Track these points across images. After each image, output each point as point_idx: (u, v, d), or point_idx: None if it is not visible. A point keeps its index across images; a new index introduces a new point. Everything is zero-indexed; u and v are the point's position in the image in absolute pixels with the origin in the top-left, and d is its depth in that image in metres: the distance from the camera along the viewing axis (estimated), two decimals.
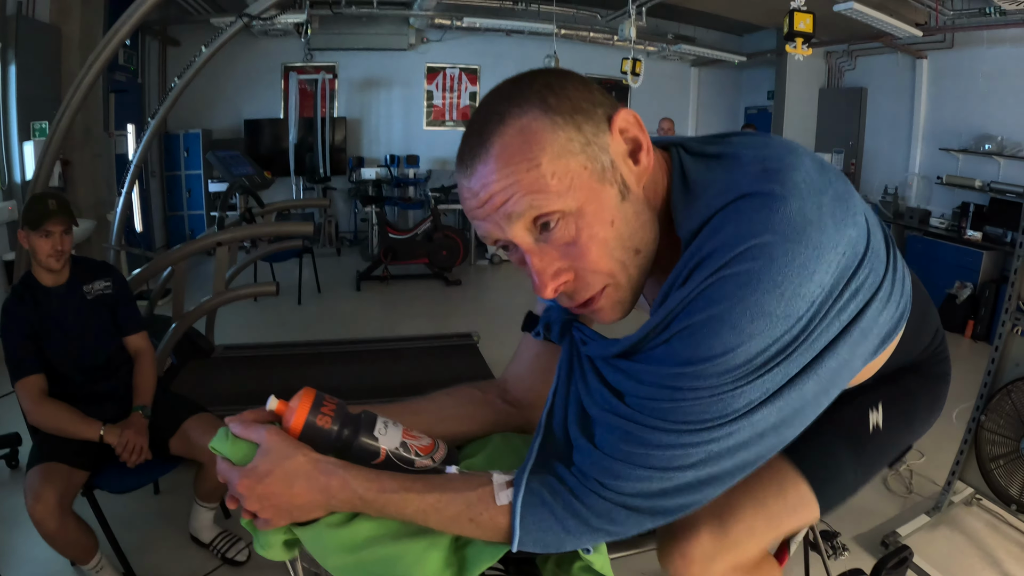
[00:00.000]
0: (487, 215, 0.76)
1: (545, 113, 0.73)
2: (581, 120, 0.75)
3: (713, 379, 0.72)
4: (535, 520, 0.80)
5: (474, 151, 0.75)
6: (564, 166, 0.73)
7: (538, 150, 0.72)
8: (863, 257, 0.76)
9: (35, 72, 4.92)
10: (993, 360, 2.63)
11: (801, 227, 0.69)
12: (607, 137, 0.76)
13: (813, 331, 0.73)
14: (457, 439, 1.07)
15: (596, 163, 0.75)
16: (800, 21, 4.05)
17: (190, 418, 2.37)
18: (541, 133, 0.73)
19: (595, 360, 0.88)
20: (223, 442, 0.87)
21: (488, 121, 0.75)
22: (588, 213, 0.75)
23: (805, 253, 0.69)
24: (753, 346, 0.71)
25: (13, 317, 2.25)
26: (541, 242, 0.77)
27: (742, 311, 0.69)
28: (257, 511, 0.83)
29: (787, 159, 0.75)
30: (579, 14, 8.61)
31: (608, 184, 0.76)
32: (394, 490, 0.82)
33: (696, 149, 0.83)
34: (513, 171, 0.73)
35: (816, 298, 0.71)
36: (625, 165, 0.78)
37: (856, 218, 0.75)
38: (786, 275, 0.69)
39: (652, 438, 0.76)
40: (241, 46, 8.28)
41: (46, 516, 2.02)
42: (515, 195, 0.73)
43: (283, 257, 6.14)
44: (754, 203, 0.71)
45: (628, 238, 0.78)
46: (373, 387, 3.77)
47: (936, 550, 2.60)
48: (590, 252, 0.76)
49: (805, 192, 0.71)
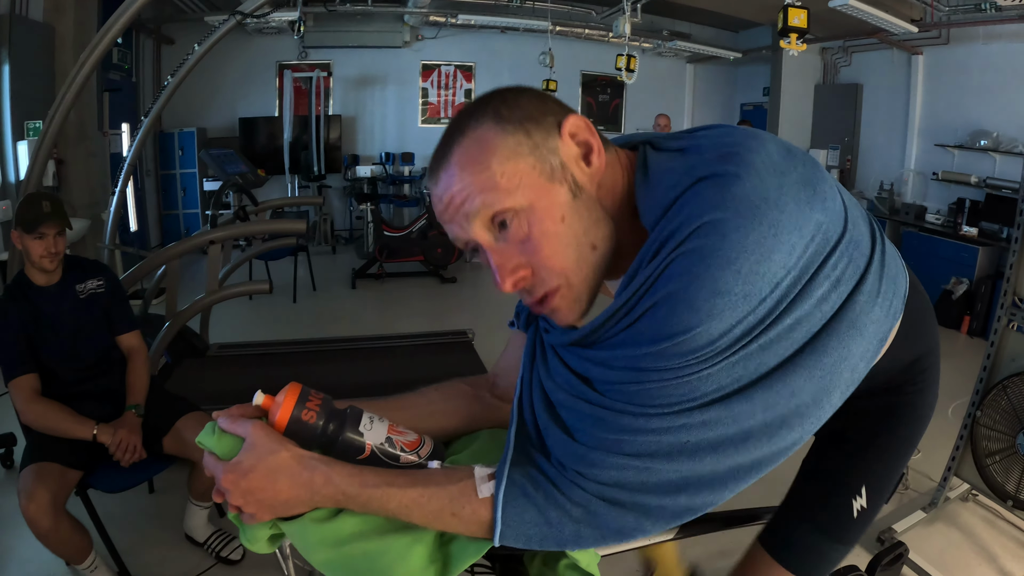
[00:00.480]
0: (451, 217, 0.82)
1: (497, 123, 0.80)
2: (531, 127, 0.80)
3: (676, 359, 0.73)
4: (517, 512, 0.80)
5: (439, 162, 0.83)
6: (513, 167, 0.78)
7: (489, 154, 0.79)
8: (836, 244, 0.76)
9: (28, 71, 4.91)
10: (989, 356, 2.63)
11: (755, 204, 0.70)
12: (556, 141, 0.81)
13: (783, 316, 0.72)
14: (445, 434, 1.07)
15: (545, 164, 0.80)
16: (794, 16, 4.04)
17: (184, 417, 2.38)
18: (492, 140, 0.79)
19: (557, 348, 0.89)
20: (210, 436, 0.88)
21: (451, 136, 0.83)
22: (539, 209, 0.79)
23: (759, 230, 0.69)
24: (715, 326, 0.70)
25: (6, 316, 2.24)
26: (500, 240, 0.81)
27: (698, 287, 0.69)
28: (242, 506, 0.83)
29: (747, 143, 0.76)
30: (574, 11, 8.60)
31: (558, 183, 0.80)
32: (376, 485, 0.82)
33: (662, 145, 0.85)
34: (468, 174, 0.79)
35: (780, 280, 0.71)
36: (577, 167, 0.82)
37: (826, 203, 0.75)
38: (740, 251, 0.68)
39: (623, 422, 0.77)
40: (235, 44, 8.26)
41: (40, 516, 2.01)
42: (470, 195, 0.79)
43: (278, 255, 6.13)
44: (709, 183, 0.72)
45: (582, 234, 0.81)
46: (368, 385, 3.77)
47: (932, 546, 2.61)
48: (543, 248, 0.79)
49: (763, 172, 0.72)
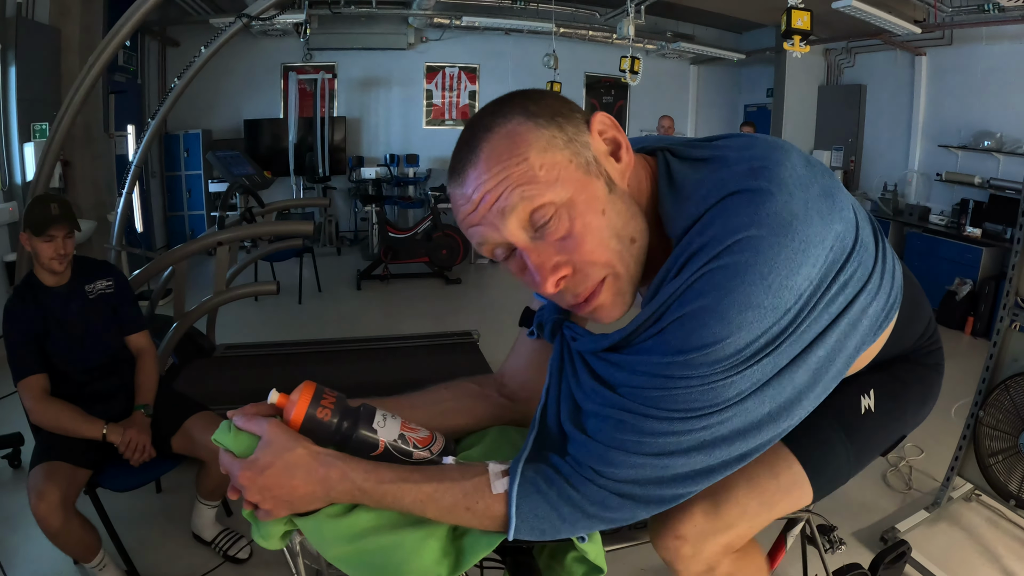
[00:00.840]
0: (481, 217, 0.79)
1: (528, 118, 0.78)
2: (562, 121, 0.79)
3: (704, 368, 0.74)
4: (530, 507, 0.82)
5: (464, 160, 0.79)
6: (551, 159, 0.76)
7: (525, 147, 0.76)
8: (851, 251, 0.78)
9: (35, 73, 4.93)
10: (991, 356, 2.63)
11: (788, 221, 0.72)
12: (587, 137, 0.81)
13: (801, 323, 0.75)
14: (455, 432, 1.08)
15: (580, 157, 0.78)
16: (798, 18, 4.05)
17: (192, 416, 2.39)
18: (526, 133, 0.77)
19: (585, 355, 0.90)
20: (226, 434, 0.89)
21: (475, 134, 0.79)
22: (579, 203, 0.77)
23: (792, 246, 0.71)
24: (742, 337, 0.73)
25: (15, 317, 2.26)
26: (537, 239, 0.79)
27: (731, 302, 0.71)
28: (258, 502, 0.84)
29: (773, 156, 0.77)
30: (578, 12, 8.61)
31: (595, 177, 0.79)
32: (392, 480, 0.84)
33: (683, 153, 0.86)
34: (503, 168, 0.76)
35: (803, 291, 0.73)
36: (608, 162, 0.81)
37: (843, 213, 0.77)
38: (773, 267, 0.71)
39: (645, 426, 0.78)
40: (240, 46, 8.30)
41: (49, 514, 2.03)
42: (507, 189, 0.76)
43: (283, 256, 6.15)
44: (742, 199, 0.73)
45: (622, 227, 0.80)
46: (374, 385, 3.78)
47: (935, 546, 2.61)
48: (585, 242, 0.78)
49: (792, 187, 0.74)
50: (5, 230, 4.70)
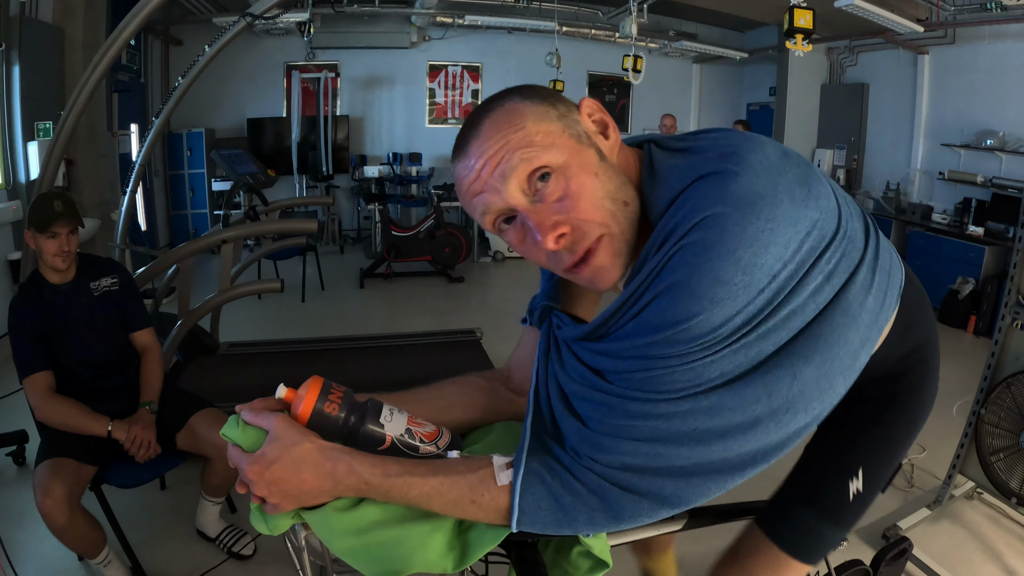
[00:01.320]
0: (484, 183, 0.84)
1: (524, 98, 0.86)
2: (554, 100, 0.87)
3: (681, 346, 0.77)
4: (534, 499, 0.83)
5: (467, 137, 0.86)
6: (546, 127, 0.83)
7: (521, 118, 0.83)
8: (832, 240, 0.80)
9: (39, 73, 4.95)
10: (993, 354, 2.64)
11: (752, 200, 0.74)
12: (578, 115, 0.88)
13: (780, 307, 0.77)
14: (461, 427, 1.09)
15: (572, 129, 0.85)
16: (800, 17, 4.04)
17: (197, 413, 2.40)
18: (523, 108, 0.85)
19: (571, 343, 0.93)
20: (234, 429, 0.90)
21: (478, 115, 0.87)
22: (573, 166, 0.83)
23: (756, 224, 0.74)
24: (716, 314, 0.74)
25: (21, 315, 2.27)
26: (536, 202, 0.83)
27: (699, 277, 0.74)
28: (266, 496, 0.85)
29: (745, 145, 0.81)
30: (580, 11, 8.61)
31: (586, 147, 0.85)
32: (398, 474, 0.85)
33: (666, 144, 0.90)
34: (503, 135, 0.83)
35: (776, 272, 0.75)
36: (598, 139, 0.87)
37: (820, 202, 0.80)
38: (739, 243, 0.73)
39: (632, 408, 0.80)
40: (244, 45, 8.31)
41: (55, 511, 2.04)
42: (507, 153, 0.82)
43: (287, 255, 6.17)
44: (710, 180, 0.77)
45: (615, 190, 0.84)
46: (377, 383, 3.76)
47: (937, 543, 2.62)
48: (581, 200, 0.82)
49: (759, 170, 0.77)
50: (9, 228, 4.72)
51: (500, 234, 0.89)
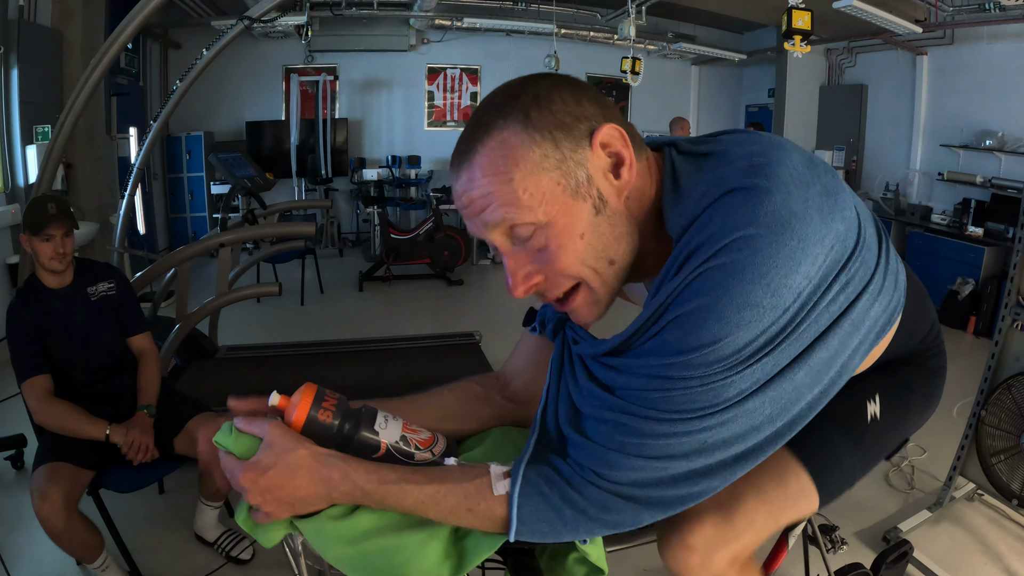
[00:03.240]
0: (470, 217, 0.83)
1: (524, 128, 0.78)
2: (560, 136, 0.79)
3: (703, 369, 0.74)
4: (532, 510, 0.81)
5: (461, 157, 0.81)
6: (536, 182, 0.78)
7: (511, 165, 0.78)
8: (853, 251, 0.78)
9: (37, 76, 4.95)
10: (993, 355, 2.63)
11: (786, 219, 0.71)
12: (586, 152, 0.80)
13: (801, 323, 0.75)
14: (457, 433, 1.08)
15: (571, 179, 0.79)
16: (798, 19, 4.05)
17: (195, 417, 2.40)
18: (518, 148, 0.78)
19: (585, 359, 0.90)
20: (227, 436, 0.89)
21: (477, 129, 0.80)
22: (558, 225, 0.79)
23: (790, 245, 0.71)
24: (741, 336, 0.72)
25: (19, 319, 2.26)
26: (517, 247, 0.82)
27: (728, 301, 0.71)
28: (260, 504, 0.84)
29: (773, 154, 0.77)
30: (579, 14, 8.62)
31: (581, 200, 0.80)
32: (394, 481, 0.84)
33: (687, 148, 0.86)
34: (489, 182, 0.79)
35: (802, 289, 0.73)
36: (605, 180, 0.81)
37: (844, 212, 0.77)
38: (771, 266, 0.71)
39: (645, 427, 0.78)
40: (242, 48, 8.30)
41: (52, 515, 2.03)
42: (490, 205, 0.79)
43: (286, 258, 6.15)
44: (740, 197, 0.73)
45: (601, 250, 0.82)
46: (376, 387, 3.78)
47: (937, 545, 2.61)
48: (559, 260, 0.81)
49: (791, 186, 0.73)
50: (7, 232, 4.72)
51: None
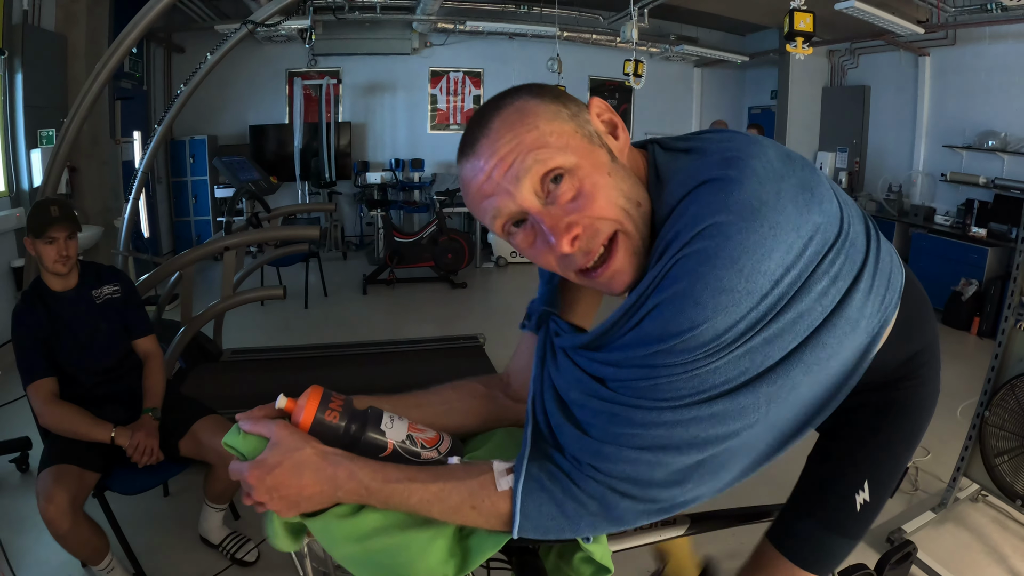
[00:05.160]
0: (495, 185, 0.81)
1: (534, 96, 0.83)
2: (565, 99, 0.85)
3: (685, 355, 0.76)
4: (535, 505, 0.82)
5: (476, 135, 0.83)
6: (559, 128, 0.81)
7: (534, 117, 0.81)
8: (834, 244, 0.80)
9: (42, 80, 4.97)
10: (997, 356, 2.63)
11: (756, 208, 0.74)
12: (587, 115, 0.86)
13: (784, 311, 0.76)
14: (461, 432, 1.09)
15: (584, 129, 0.83)
16: (800, 20, 4.06)
17: (200, 420, 2.40)
18: (535, 107, 0.82)
19: (568, 351, 0.92)
20: (235, 437, 0.90)
21: (485, 113, 0.84)
22: (586, 166, 0.81)
23: (760, 231, 0.73)
24: (720, 322, 0.74)
25: (24, 322, 2.28)
26: (548, 204, 0.81)
27: (703, 286, 0.73)
28: (266, 502, 0.85)
29: (748, 149, 0.80)
30: (581, 16, 8.62)
31: (598, 147, 0.83)
32: (399, 480, 0.85)
33: (669, 145, 0.89)
34: (516, 134, 0.80)
35: (779, 277, 0.74)
36: (607, 139, 0.85)
37: (823, 206, 0.79)
38: (742, 251, 0.72)
39: (636, 416, 0.79)
40: (246, 52, 8.33)
41: (58, 517, 2.04)
42: (520, 154, 0.80)
43: (290, 261, 6.17)
44: (712, 187, 0.76)
45: (628, 191, 0.83)
46: (380, 389, 3.75)
47: (942, 546, 2.61)
48: (595, 199, 0.80)
49: (763, 176, 0.76)
50: (13, 236, 4.74)
51: (508, 237, 0.86)
